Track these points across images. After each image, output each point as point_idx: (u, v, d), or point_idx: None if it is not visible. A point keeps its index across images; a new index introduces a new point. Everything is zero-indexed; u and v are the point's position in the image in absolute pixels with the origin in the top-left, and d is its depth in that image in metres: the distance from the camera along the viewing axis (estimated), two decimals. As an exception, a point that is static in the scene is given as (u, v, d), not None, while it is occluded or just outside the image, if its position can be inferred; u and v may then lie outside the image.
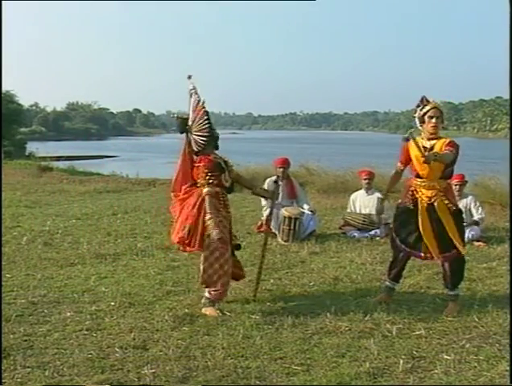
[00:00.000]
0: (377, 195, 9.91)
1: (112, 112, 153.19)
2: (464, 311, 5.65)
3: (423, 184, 5.69)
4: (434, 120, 5.68)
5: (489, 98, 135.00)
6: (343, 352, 4.65)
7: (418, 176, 5.76)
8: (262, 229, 9.57)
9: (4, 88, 44.89)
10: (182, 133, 5.81)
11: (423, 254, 5.80)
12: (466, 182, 9.65)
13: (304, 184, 14.92)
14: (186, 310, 5.63)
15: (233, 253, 5.99)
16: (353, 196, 10.24)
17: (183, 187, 5.74)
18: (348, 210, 10.13)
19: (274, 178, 9.85)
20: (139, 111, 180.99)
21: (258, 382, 4.13)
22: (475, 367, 4.41)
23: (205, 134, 5.62)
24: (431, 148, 5.65)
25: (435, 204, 5.66)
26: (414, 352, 4.67)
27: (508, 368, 4.32)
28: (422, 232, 5.70)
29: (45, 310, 5.59)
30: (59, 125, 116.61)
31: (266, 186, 9.78)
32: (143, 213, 11.31)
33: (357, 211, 9.93)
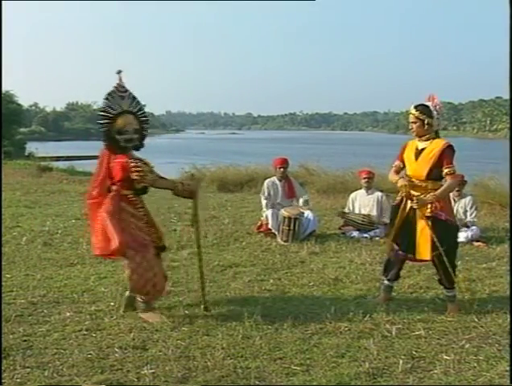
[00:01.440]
0: (378, 194, 9.93)
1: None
2: (464, 311, 5.66)
3: (413, 184, 5.72)
4: (410, 126, 5.80)
5: (489, 98, 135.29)
6: (342, 352, 4.65)
7: (409, 176, 5.83)
8: (261, 229, 9.59)
9: (4, 88, 44.97)
10: (104, 132, 5.43)
11: (411, 256, 5.83)
12: (465, 182, 9.65)
13: (304, 184, 14.90)
14: (185, 311, 5.63)
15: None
16: (352, 195, 10.25)
17: (93, 191, 5.44)
18: (346, 209, 10.13)
19: (273, 178, 9.90)
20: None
21: (257, 382, 4.13)
22: (474, 367, 4.41)
23: (132, 132, 5.41)
24: (422, 150, 5.68)
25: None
26: (414, 352, 4.67)
27: (508, 368, 4.32)
28: (397, 227, 5.79)
29: (45, 310, 5.59)
30: (59, 125, 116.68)
31: (265, 187, 9.83)
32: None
33: (356, 211, 9.93)
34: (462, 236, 8.42)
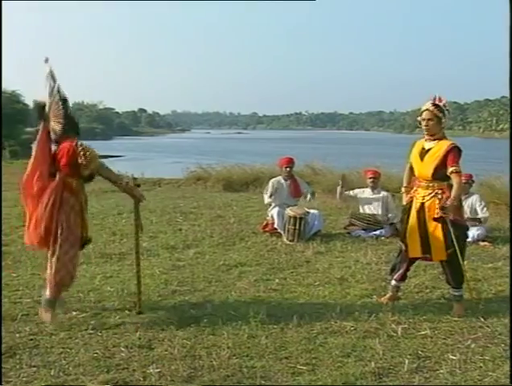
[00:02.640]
0: (384, 194, 9.92)
1: (117, 112, 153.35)
2: (469, 311, 5.65)
3: (420, 184, 5.73)
4: (424, 122, 5.73)
5: (495, 98, 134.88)
6: (348, 352, 4.65)
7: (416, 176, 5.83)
8: (267, 229, 9.59)
9: (10, 88, 45.11)
10: (40, 120, 5.33)
11: (421, 255, 5.82)
12: (473, 181, 9.64)
13: (310, 184, 14.90)
14: (191, 310, 5.64)
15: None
16: (360, 190, 10.13)
17: (36, 182, 5.23)
18: (352, 193, 10.02)
19: (278, 178, 9.90)
20: (144, 111, 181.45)
21: (263, 381, 4.13)
22: (480, 367, 4.40)
23: (61, 121, 5.25)
24: (429, 150, 5.68)
25: (426, 204, 5.67)
26: (420, 352, 4.67)
27: (513, 368, 4.32)
28: (408, 229, 5.74)
29: (51, 309, 5.60)
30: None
31: (270, 186, 9.82)
32: (148, 213, 11.30)
33: (362, 211, 9.92)
34: (468, 235, 8.39)
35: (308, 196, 9.74)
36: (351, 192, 10.11)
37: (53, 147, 5.31)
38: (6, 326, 5.12)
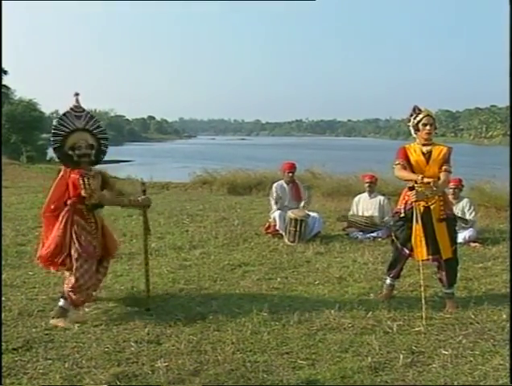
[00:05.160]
0: (380, 197, 9.92)
1: (127, 119, 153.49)
2: (461, 308, 5.65)
3: (422, 188, 5.67)
4: (428, 127, 5.74)
5: (485, 106, 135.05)
6: (346, 347, 4.65)
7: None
8: (269, 230, 9.59)
9: (27, 97, 45.20)
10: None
11: (431, 257, 5.81)
12: (463, 186, 9.61)
13: (309, 188, 14.91)
14: (197, 307, 5.64)
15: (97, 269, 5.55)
16: (356, 199, 10.24)
17: (53, 205, 5.41)
18: (351, 212, 10.12)
19: (281, 182, 9.90)
20: (153, 118, 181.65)
21: (265, 375, 4.13)
22: (471, 361, 4.41)
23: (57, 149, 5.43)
24: (429, 154, 5.69)
25: (432, 207, 5.67)
26: (414, 347, 4.67)
27: (502, 362, 4.32)
28: (414, 234, 5.71)
29: (65, 306, 5.61)
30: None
31: (273, 190, 9.83)
32: (157, 215, 11.31)
33: (360, 214, 9.92)
34: (460, 236, 8.38)
35: (302, 203, 9.71)
36: (351, 211, 10.13)
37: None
38: (23, 321, 5.15)
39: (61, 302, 5.30)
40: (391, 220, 8.21)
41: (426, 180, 5.55)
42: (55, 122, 5.48)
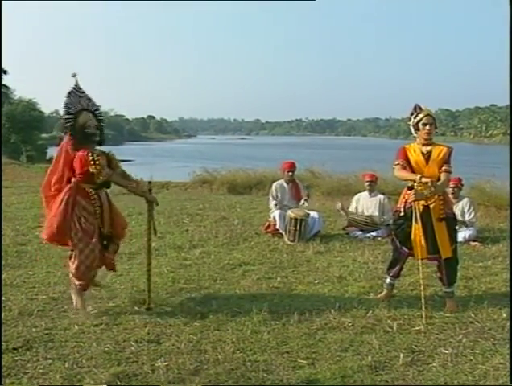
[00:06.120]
0: (380, 197, 9.92)
1: (127, 119, 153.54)
2: (461, 307, 5.65)
3: (422, 187, 5.66)
4: (428, 126, 5.73)
5: (484, 106, 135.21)
6: (346, 347, 4.65)
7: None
8: (269, 230, 9.59)
9: (27, 97, 45.24)
10: (66, 129, 5.49)
11: (430, 256, 5.80)
12: (462, 185, 9.61)
13: (309, 187, 14.91)
14: (197, 307, 5.64)
15: (107, 247, 5.67)
16: (356, 196, 10.24)
17: (54, 184, 5.48)
18: (350, 208, 10.11)
19: (280, 181, 9.90)
20: (153, 117, 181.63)
21: (265, 375, 4.13)
22: (471, 360, 4.41)
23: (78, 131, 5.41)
24: (429, 153, 5.68)
25: (431, 207, 5.66)
26: (414, 347, 4.67)
27: (502, 361, 4.32)
28: (413, 233, 5.71)
29: (65, 306, 5.61)
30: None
31: (273, 189, 9.83)
32: (157, 214, 11.20)
33: (360, 213, 9.91)
34: (460, 236, 8.38)
35: (302, 201, 9.71)
36: (350, 208, 10.13)
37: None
38: (23, 320, 5.14)
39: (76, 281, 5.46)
40: (391, 219, 8.22)
41: (424, 180, 5.53)
42: (66, 100, 5.46)
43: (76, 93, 5.50)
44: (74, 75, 5.54)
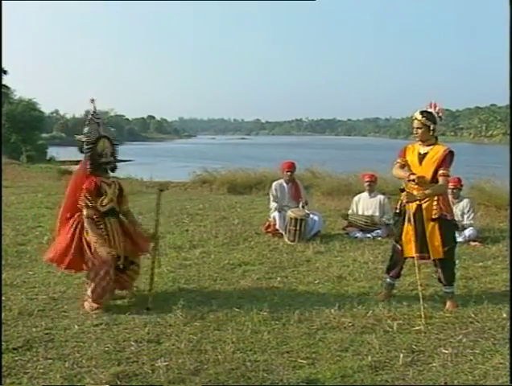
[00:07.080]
0: (380, 197, 9.91)
1: (127, 119, 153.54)
2: (461, 307, 5.65)
3: (416, 187, 5.66)
4: (414, 131, 5.78)
5: (485, 106, 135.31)
6: (346, 346, 4.65)
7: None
8: (269, 230, 9.59)
9: (27, 97, 45.25)
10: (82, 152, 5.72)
11: (418, 254, 5.80)
12: (462, 186, 9.59)
13: (309, 187, 14.90)
14: (197, 306, 5.64)
15: (124, 270, 5.82)
16: (356, 198, 10.23)
17: (68, 210, 5.73)
18: (350, 211, 10.11)
19: (280, 181, 9.90)
20: (153, 118, 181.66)
21: (265, 375, 4.13)
22: (471, 360, 4.41)
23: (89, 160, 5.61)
24: (425, 154, 5.68)
25: (424, 206, 5.66)
26: (414, 346, 4.67)
27: (502, 361, 4.32)
28: (405, 230, 5.73)
29: (65, 306, 5.62)
30: (78, 130, 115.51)
31: (273, 188, 9.84)
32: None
33: (360, 213, 9.91)
34: (460, 236, 8.40)
35: (301, 204, 9.70)
36: (350, 210, 10.12)
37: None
38: (23, 320, 5.14)
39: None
40: (391, 219, 8.24)
41: (412, 177, 5.56)
42: (86, 129, 5.65)
43: (95, 120, 5.65)
44: (92, 101, 5.68)
